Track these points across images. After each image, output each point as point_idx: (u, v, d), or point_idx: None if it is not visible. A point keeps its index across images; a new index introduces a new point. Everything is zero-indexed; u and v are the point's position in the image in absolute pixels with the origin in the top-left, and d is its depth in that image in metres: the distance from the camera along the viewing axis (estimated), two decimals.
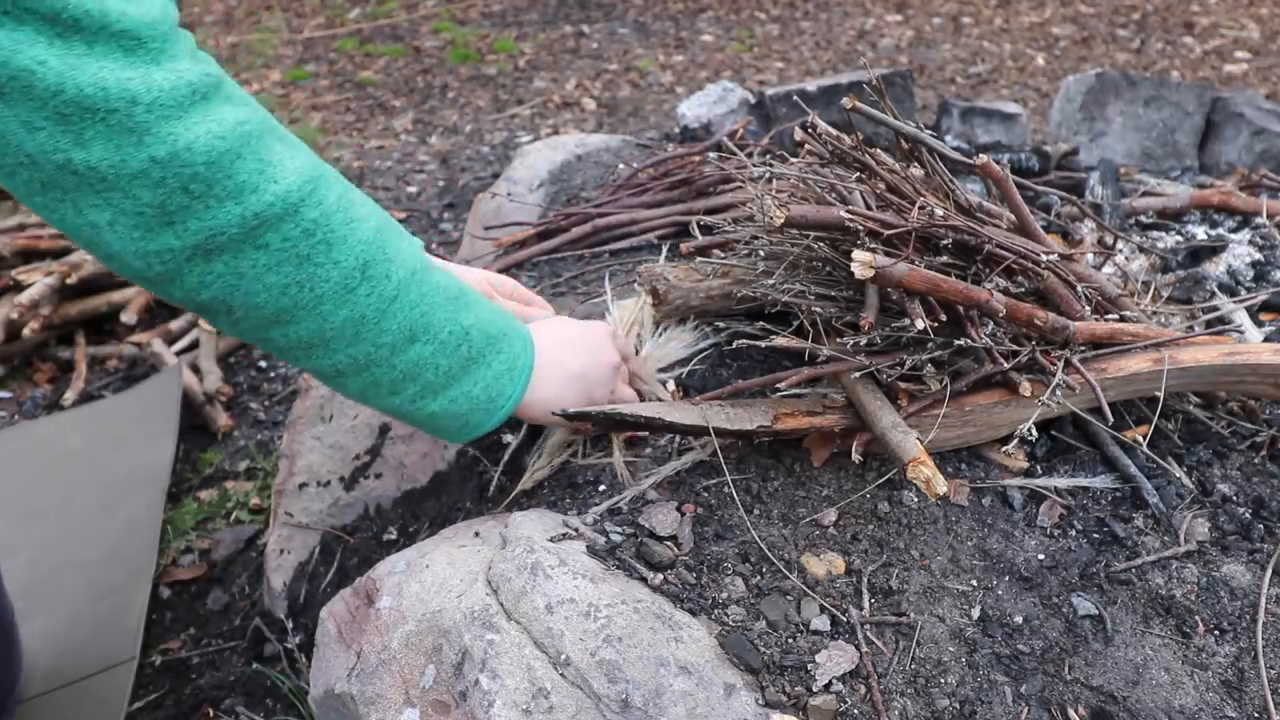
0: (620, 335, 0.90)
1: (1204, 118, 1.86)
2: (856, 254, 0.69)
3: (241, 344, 2.18)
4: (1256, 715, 0.65)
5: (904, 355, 0.79)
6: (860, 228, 0.75)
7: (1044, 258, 0.82)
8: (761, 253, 0.90)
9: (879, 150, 0.86)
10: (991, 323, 0.81)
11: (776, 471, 0.83)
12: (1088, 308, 0.87)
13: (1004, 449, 0.83)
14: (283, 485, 1.23)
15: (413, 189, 3.10)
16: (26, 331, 2.04)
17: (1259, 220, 1.35)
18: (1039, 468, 0.86)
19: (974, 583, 0.74)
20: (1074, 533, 0.79)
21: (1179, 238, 1.33)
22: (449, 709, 0.61)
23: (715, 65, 4.24)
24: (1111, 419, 0.79)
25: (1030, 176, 1.57)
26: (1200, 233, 1.34)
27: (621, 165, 1.60)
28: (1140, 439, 0.87)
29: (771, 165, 0.95)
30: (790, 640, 0.67)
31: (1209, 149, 1.86)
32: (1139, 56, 4.20)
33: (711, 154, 1.44)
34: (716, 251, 1.09)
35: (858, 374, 0.80)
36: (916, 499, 0.81)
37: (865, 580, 0.73)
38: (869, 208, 0.82)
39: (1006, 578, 0.75)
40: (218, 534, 1.59)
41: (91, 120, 0.54)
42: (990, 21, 4.78)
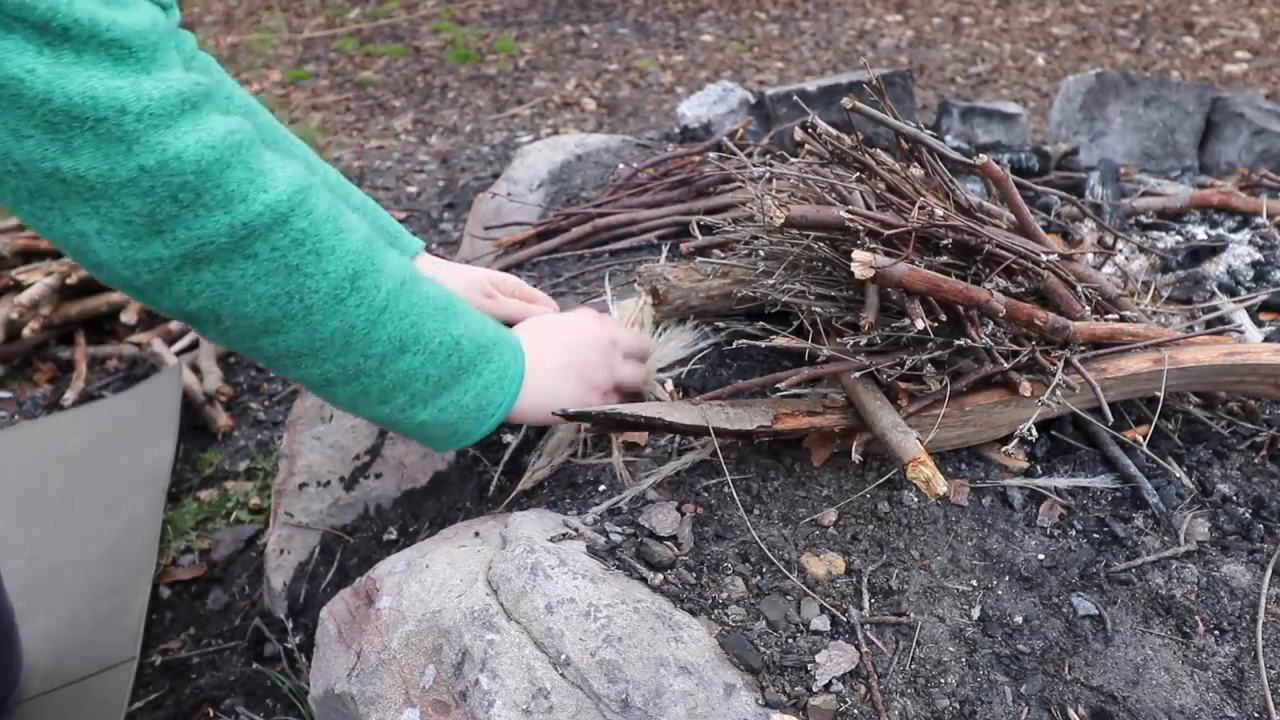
0: (611, 319, 0.90)
1: (1204, 118, 1.86)
2: (856, 254, 0.69)
3: None
4: (1256, 715, 0.65)
5: (904, 355, 0.79)
6: (860, 228, 0.75)
7: (1044, 258, 0.82)
8: (761, 253, 0.90)
9: (879, 150, 0.86)
10: (991, 323, 0.81)
11: (776, 471, 0.83)
12: (1088, 308, 0.87)
13: (1004, 449, 0.83)
14: (283, 485, 1.23)
15: (413, 189, 3.10)
16: (26, 331, 2.04)
17: (1259, 220, 1.35)
18: (1039, 468, 0.86)
19: (974, 583, 0.74)
20: (1074, 533, 0.79)
21: (1179, 238, 1.33)
22: (449, 709, 0.62)
23: (715, 65, 4.24)
24: (1111, 419, 0.79)
25: (1030, 176, 1.57)
26: (1200, 233, 1.34)
27: (621, 165, 1.60)
28: (1140, 439, 0.87)
29: (771, 165, 0.95)
30: (790, 640, 0.67)
31: (1209, 149, 1.86)
32: (1139, 56, 4.20)
33: (711, 154, 1.44)
34: (716, 251, 1.09)
35: (858, 374, 0.80)
36: (916, 499, 0.81)
37: (865, 580, 0.73)
38: (869, 208, 0.82)
39: (1006, 578, 0.75)
40: (218, 534, 1.59)
41: (80, 129, 0.54)
42: (990, 21, 4.78)
